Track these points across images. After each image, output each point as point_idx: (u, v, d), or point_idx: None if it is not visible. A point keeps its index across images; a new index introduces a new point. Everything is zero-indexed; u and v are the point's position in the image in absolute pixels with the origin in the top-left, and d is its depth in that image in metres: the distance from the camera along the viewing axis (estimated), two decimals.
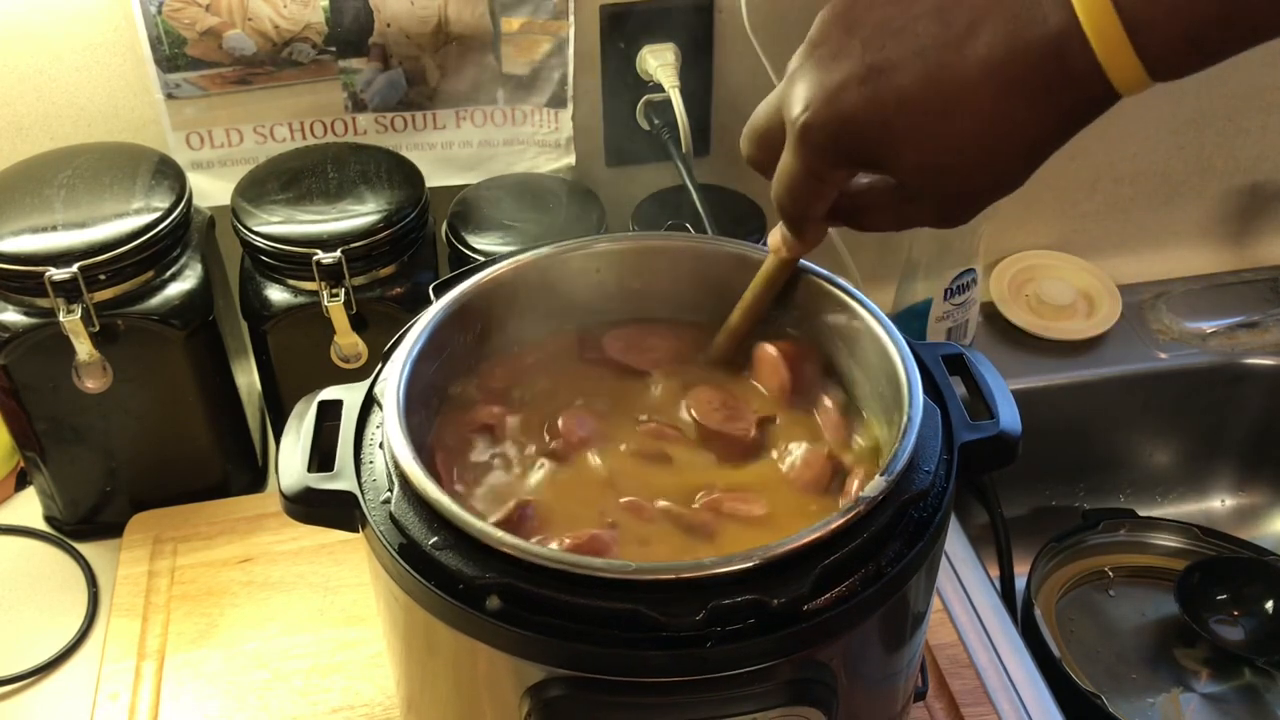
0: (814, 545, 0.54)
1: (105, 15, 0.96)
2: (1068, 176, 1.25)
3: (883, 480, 0.57)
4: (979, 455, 0.63)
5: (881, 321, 0.67)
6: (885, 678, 0.64)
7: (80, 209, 0.87)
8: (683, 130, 1.03)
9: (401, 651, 0.65)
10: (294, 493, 0.61)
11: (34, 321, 0.86)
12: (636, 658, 0.53)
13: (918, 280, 1.13)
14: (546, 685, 0.54)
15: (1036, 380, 1.18)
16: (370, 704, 0.83)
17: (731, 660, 0.53)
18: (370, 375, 0.67)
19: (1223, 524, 1.24)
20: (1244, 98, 1.23)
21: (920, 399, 0.61)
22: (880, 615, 0.57)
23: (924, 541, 0.57)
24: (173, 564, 0.94)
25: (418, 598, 0.56)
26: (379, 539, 0.58)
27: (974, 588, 0.93)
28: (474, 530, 0.55)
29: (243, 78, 0.99)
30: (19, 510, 1.01)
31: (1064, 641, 1.09)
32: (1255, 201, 1.32)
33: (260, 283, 0.93)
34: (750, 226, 1.02)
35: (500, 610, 0.54)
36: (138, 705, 0.84)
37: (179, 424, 0.95)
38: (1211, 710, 1.07)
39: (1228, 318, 1.24)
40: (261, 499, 1.00)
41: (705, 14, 1.05)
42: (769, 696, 0.54)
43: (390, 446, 0.60)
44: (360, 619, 0.89)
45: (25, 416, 0.91)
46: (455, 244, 0.97)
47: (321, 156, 0.97)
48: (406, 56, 1.00)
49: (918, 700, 0.82)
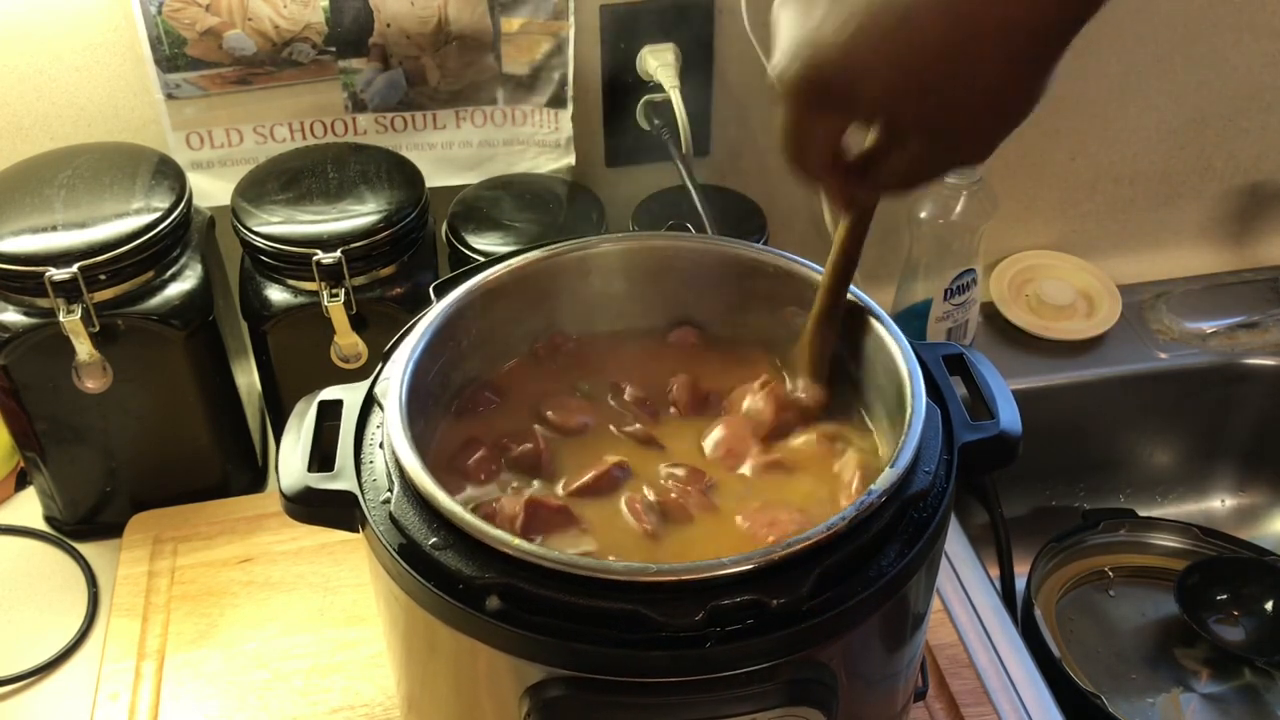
0: (814, 547, 0.54)
1: (105, 15, 0.96)
2: (1068, 176, 1.25)
3: (883, 481, 0.57)
4: (979, 455, 0.63)
5: (885, 322, 0.67)
6: (885, 678, 0.64)
7: (80, 209, 0.87)
8: (683, 130, 1.03)
9: (401, 651, 0.65)
10: (294, 492, 0.61)
11: (34, 321, 0.86)
12: (636, 658, 0.53)
13: (918, 280, 1.13)
14: (546, 685, 0.54)
15: (1036, 380, 1.18)
16: (370, 704, 0.83)
17: (731, 660, 0.53)
18: (370, 375, 0.67)
19: (1223, 524, 1.24)
20: (1244, 98, 1.23)
21: (923, 399, 0.61)
22: (880, 616, 0.57)
23: (923, 542, 0.57)
24: (173, 564, 0.94)
25: (417, 598, 0.56)
26: (379, 539, 0.58)
27: (974, 588, 0.93)
28: (474, 530, 0.55)
29: (243, 78, 0.98)
30: (19, 510, 1.01)
31: (1064, 641, 1.09)
32: (1255, 201, 1.32)
33: (260, 283, 0.93)
34: (750, 226, 1.02)
35: (500, 610, 0.54)
36: (138, 705, 0.83)
37: (179, 424, 0.95)
38: (1211, 710, 1.06)
39: (1228, 318, 1.24)
40: (261, 499, 1.00)
41: (705, 14, 1.05)
42: (768, 697, 0.54)
43: (391, 446, 0.60)
44: (360, 619, 0.89)
45: (25, 416, 0.91)
46: (455, 244, 0.97)
47: (321, 156, 0.97)
48: (406, 56, 1.00)
49: (918, 700, 0.82)
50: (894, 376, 0.64)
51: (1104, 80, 1.19)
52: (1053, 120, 1.21)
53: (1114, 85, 1.20)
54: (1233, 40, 1.19)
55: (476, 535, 0.54)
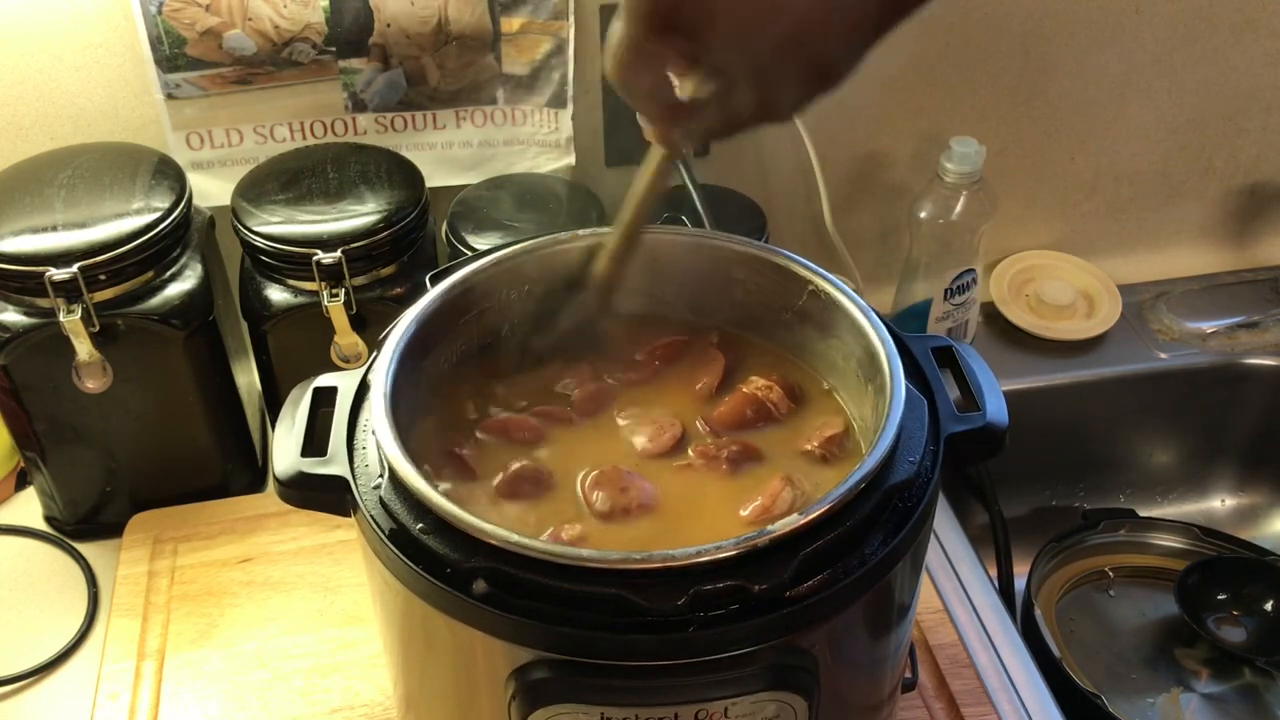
0: (796, 533, 0.54)
1: (105, 15, 0.96)
2: (1068, 176, 1.25)
3: (863, 468, 0.57)
4: (966, 446, 0.63)
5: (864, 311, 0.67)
6: (868, 666, 0.64)
7: (80, 209, 0.87)
8: None
9: (394, 637, 0.65)
10: (288, 477, 0.62)
11: (34, 321, 0.86)
12: (619, 641, 0.53)
13: (918, 280, 1.13)
14: (531, 668, 0.55)
15: (1036, 380, 1.18)
16: (370, 704, 0.83)
17: (713, 645, 0.54)
18: None
19: (1223, 524, 1.25)
20: (1244, 98, 1.23)
21: (902, 388, 0.62)
22: (863, 603, 0.58)
23: (908, 530, 0.58)
24: (173, 564, 0.94)
25: (407, 581, 0.57)
26: (370, 524, 0.59)
27: (974, 588, 0.93)
28: (453, 519, 0.55)
29: (243, 78, 0.99)
30: (19, 510, 1.01)
31: (1064, 641, 1.09)
32: (1255, 201, 1.32)
33: (260, 283, 0.93)
34: (750, 226, 1.02)
35: (486, 594, 0.54)
36: (138, 705, 0.84)
37: (179, 424, 0.95)
38: (1211, 710, 1.06)
39: (1228, 318, 1.24)
40: (261, 499, 1.00)
41: None
42: (750, 681, 0.55)
43: (376, 434, 0.60)
44: (360, 619, 0.89)
45: (25, 416, 0.91)
46: (455, 244, 0.97)
47: (321, 156, 0.97)
48: (406, 56, 1.00)
49: (907, 690, 0.82)
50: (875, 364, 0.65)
51: (1104, 80, 1.19)
52: (1053, 120, 1.21)
53: (1114, 85, 1.20)
54: (1233, 40, 1.19)
55: (456, 523, 0.55)
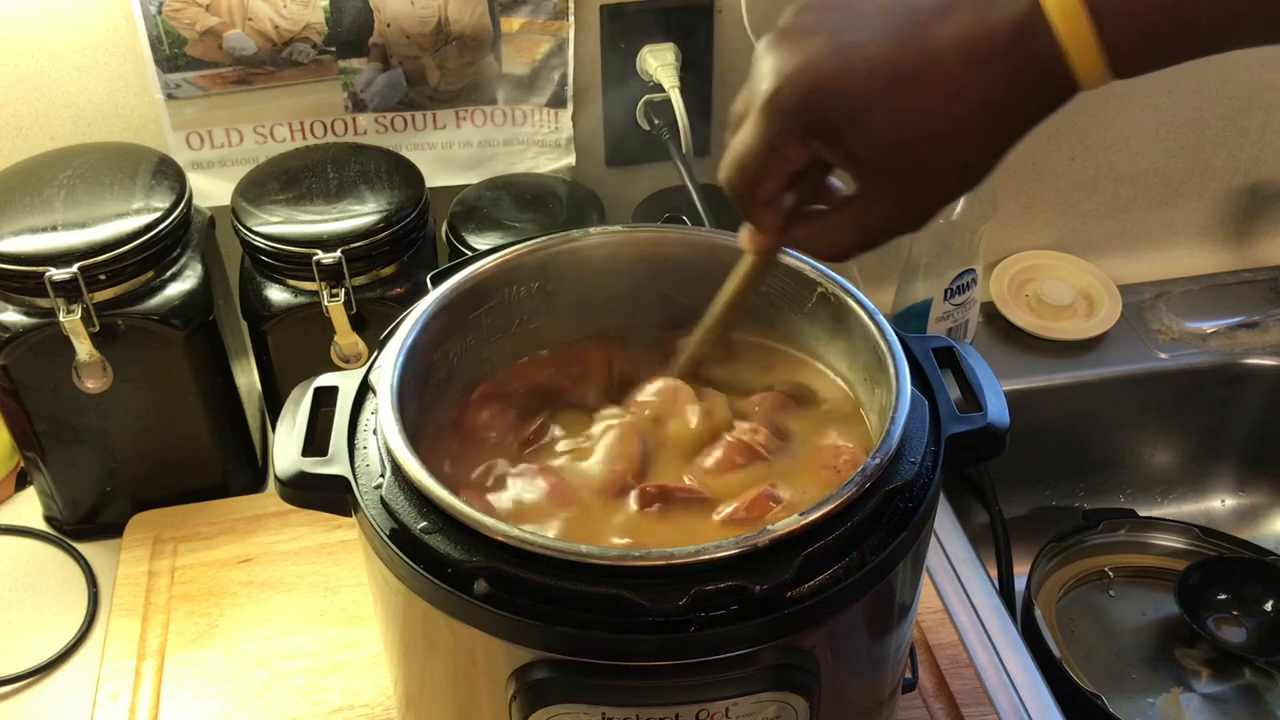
0: (798, 533, 0.54)
1: (105, 15, 0.96)
2: (1068, 176, 1.25)
3: (866, 469, 0.57)
4: (967, 447, 0.63)
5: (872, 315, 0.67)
6: (869, 666, 0.64)
7: (80, 209, 0.87)
8: (683, 130, 1.03)
9: (394, 636, 0.65)
10: (289, 476, 0.62)
11: (34, 321, 0.86)
12: (620, 642, 0.53)
13: (918, 280, 1.13)
14: (532, 668, 0.55)
15: (1036, 380, 1.18)
16: (370, 704, 0.83)
17: (714, 645, 0.54)
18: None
19: (1223, 524, 1.24)
20: (1244, 98, 1.23)
21: (908, 392, 0.62)
22: (864, 604, 0.58)
23: (908, 531, 0.58)
24: (173, 564, 0.94)
25: (408, 581, 0.57)
26: (370, 523, 0.59)
27: (974, 588, 0.93)
28: (461, 515, 0.55)
29: (243, 78, 0.99)
30: (19, 510, 1.01)
31: (1064, 641, 1.09)
32: (1255, 201, 1.32)
33: (260, 283, 0.93)
34: None
35: (487, 594, 0.54)
36: (138, 705, 0.83)
37: (179, 424, 0.95)
38: (1211, 710, 1.06)
39: (1228, 318, 1.24)
40: (261, 499, 1.00)
41: (705, 14, 1.05)
42: (751, 681, 0.55)
43: (382, 432, 0.60)
44: (360, 619, 0.89)
45: (25, 416, 0.91)
46: (455, 244, 0.97)
47: (321, 156, 0.97)
48: (406, 56, 1.00)
49: (907, 691, 0.82)
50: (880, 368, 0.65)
51: None
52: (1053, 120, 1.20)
53: (1114, 85, 1.19)
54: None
55: (463, 519, 0.55)
